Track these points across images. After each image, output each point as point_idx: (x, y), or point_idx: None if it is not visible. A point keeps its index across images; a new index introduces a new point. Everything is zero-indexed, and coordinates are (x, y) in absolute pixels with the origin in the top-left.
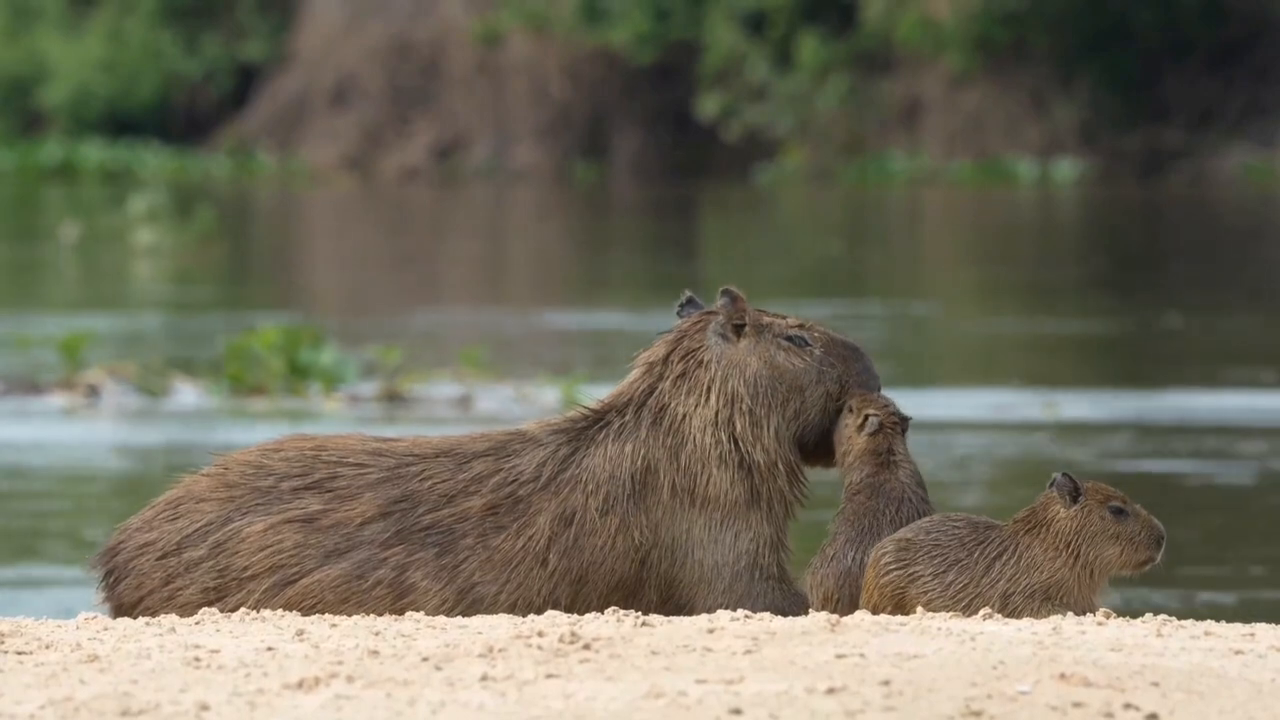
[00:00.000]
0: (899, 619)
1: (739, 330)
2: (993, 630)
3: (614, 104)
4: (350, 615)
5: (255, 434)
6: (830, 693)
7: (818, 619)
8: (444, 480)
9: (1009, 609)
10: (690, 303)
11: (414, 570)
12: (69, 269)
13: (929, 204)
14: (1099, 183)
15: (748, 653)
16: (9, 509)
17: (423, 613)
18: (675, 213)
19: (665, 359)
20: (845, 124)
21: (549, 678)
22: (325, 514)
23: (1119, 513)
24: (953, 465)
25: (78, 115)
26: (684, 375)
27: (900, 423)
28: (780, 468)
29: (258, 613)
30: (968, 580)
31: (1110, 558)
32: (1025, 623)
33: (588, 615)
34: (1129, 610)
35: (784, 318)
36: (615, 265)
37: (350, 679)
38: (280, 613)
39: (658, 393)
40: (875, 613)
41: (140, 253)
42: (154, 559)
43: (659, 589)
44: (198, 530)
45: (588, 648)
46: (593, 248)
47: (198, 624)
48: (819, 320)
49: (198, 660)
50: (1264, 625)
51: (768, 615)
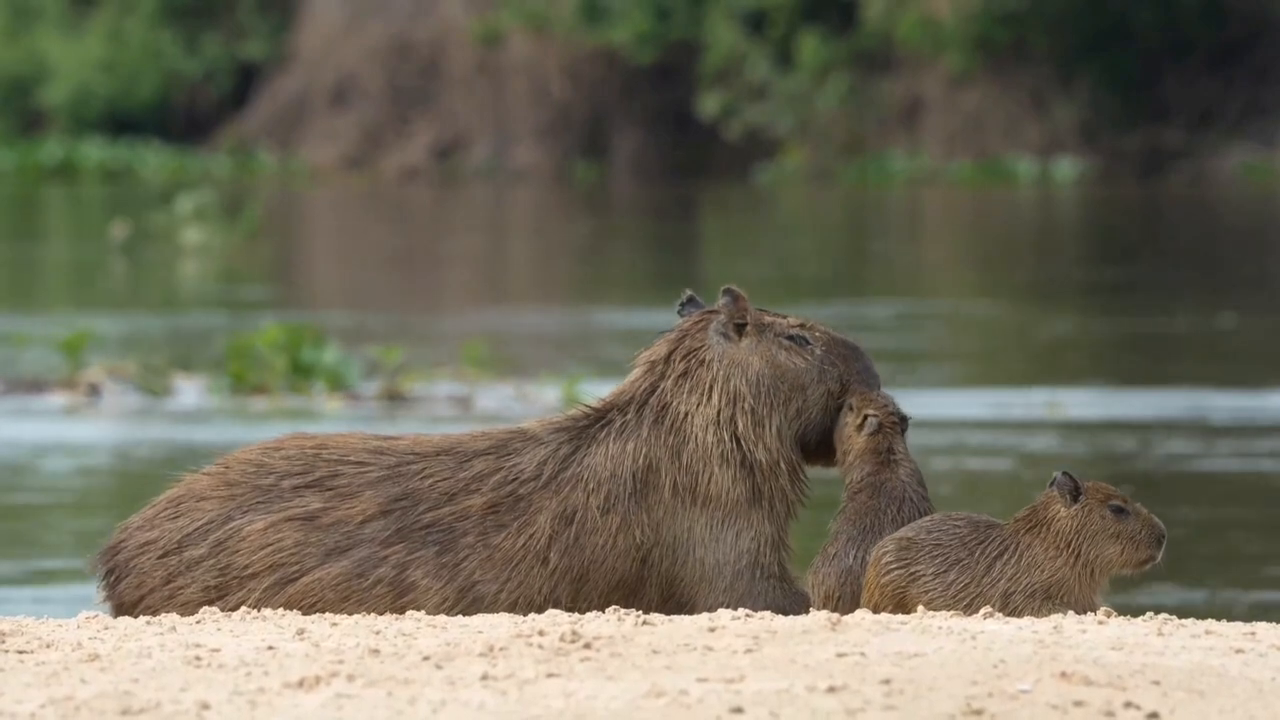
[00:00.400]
0: (900, 618)
1: (740, 329)
2: (994, 629)
3: (614, 104)
4: (351, 614)
5: (256, 433)
6: (831, 691)
7: (818, 618)
8: (445, 479)
9: (1010, 608)
10: (691, 302)
11: (415, 569)
12: (120, 268)
13: (930, 204)
14: (1099, 182)
15: (749, 651)
16: (9, 508)
17: (423, 611)
18: (675, 212)
19: (667, 358)
20: (845, 124)
21: (550, 677)
22: (326, 512)
23: (1119, 512)
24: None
25: (78, 115)
26: (686, 374)
27: (900, 422)
28: (782, 466)
29: (258, 611)
30: (969, 579)
31: (1111, 557)
32: (1026, 621)
33: (588, 614)
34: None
35: (784, 317)
36: (616, 265)
37: (351, 678)
38: (281, 611)
39: (659, 391)
40: (876, 611)
41: (189, 252)
42: (155, 558)
43: (660, 588)
44: (198, 529)
45: (589, 646)
46: (593, 247)
47: (198, 623)
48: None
49: (198, 659)
50: (1265, 624)
51: (769, 614)
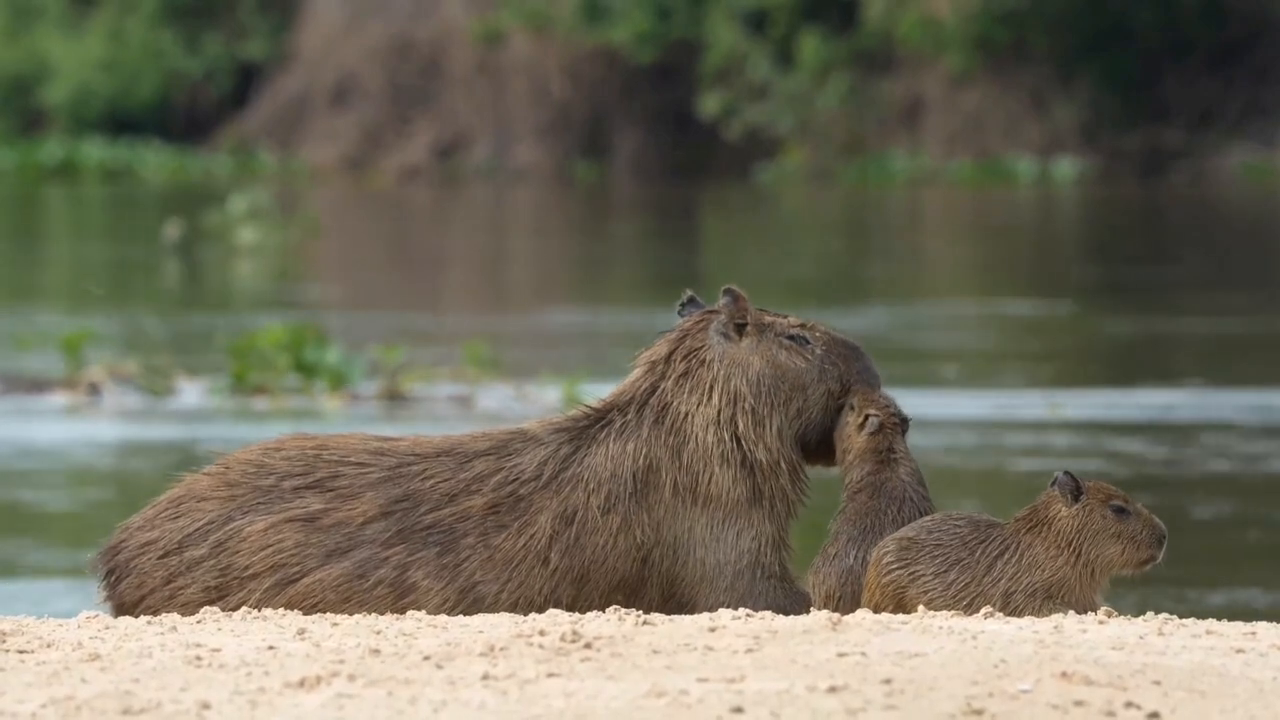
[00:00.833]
0: (900, 618)
1: (741, 329)
2: (994, 629)
3: (614, 103)
4: (351, 614)
5: (257, 433)
6: (832, 691)
7: (819, 618)
8: (445, 479)
9: (1010, 608)
10: (692, 302)
11: (415, 569)
12: (174, 268)
13: (930, 204)
14: (1099, 182)
15: (749, 651)
16: (9, 507)
17: (424, 612)
18: (676, 212)
19: (667, 358)
20: (846, 123)
21: (550, 676)
22: (326, 513)
23: (1120, 512)
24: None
25: (78, 114)
26: (686, 374)
27: (900, 422)
28: (782, 466)
29: (259, 612)
30: (969, 579)
31: (1111, 556)
32: (1027, 621)
33: (589, 614)
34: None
35: (785, 317)
36: (616, 264)
37: (351, 678)
38: (281, 611)
39: (660, 391)
40: (877, 611)
41: (243, 252)
42: (155, 558)
43: (660, 588)
44: (199, 529)
45: (589, 646)
46: (593, 247)
47: (199, 623)
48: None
49: (199, 659)
50: (1265, 624)
51: (769, 614)
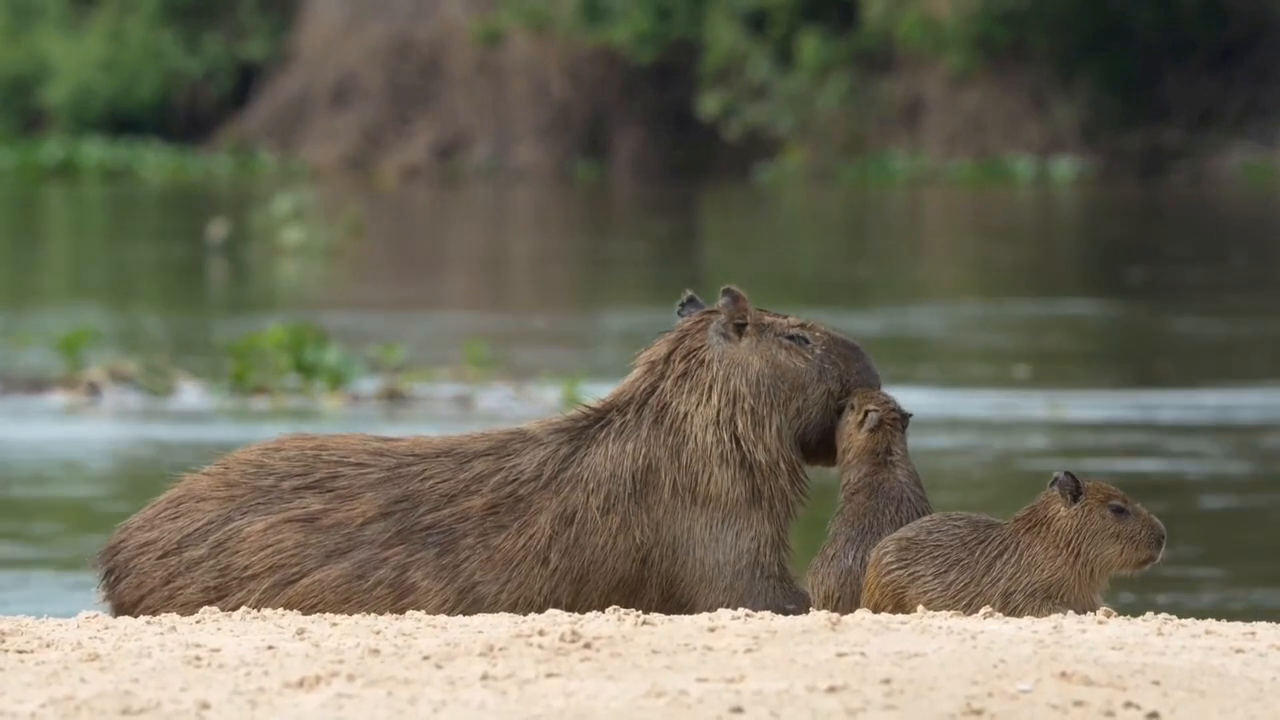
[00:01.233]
0: (900, 618)
1: (740, 329)
2: (994, 629)
3: (614, 103)
4: (351, 615)
5: (257, 433)
6: (831, 691)
7: (818, 618)
8: (445, 480)
9: (1010, 608)
10: (691, 302)
11: (415, 570)
12: (219, 268)
13: (931, 203)
14: (1099, 182)
15: (749, 651)
16: (8, 506)
17: (423, 612)
18: (676, 212)
19: (667, 358)
20: (845, 123)
21: (550, 676)
22: (326, 514)
23: (1119, 512)
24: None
25: (78, 114)
26: (686, 374)
27: (900, 419)
28: (782, 467)
29: (258, 612)
30: (969, 579)
31: (1111, 556)
32: (1026, 621)
33: (588, 614)
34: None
35: (785, 317)
36: (616, 264)
37: (351, 678)
38: (281, 611)
39: (659, 392)
40: (876, 611)
41: (289, 252)
42: (155, 558)
43: (660, 588)
44: (198, 529)
45: (589, 646)
46: (593, 247)
47: (198, 623)
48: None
49: (198, 659)
50: (1265, 624)
51: (769, 614)
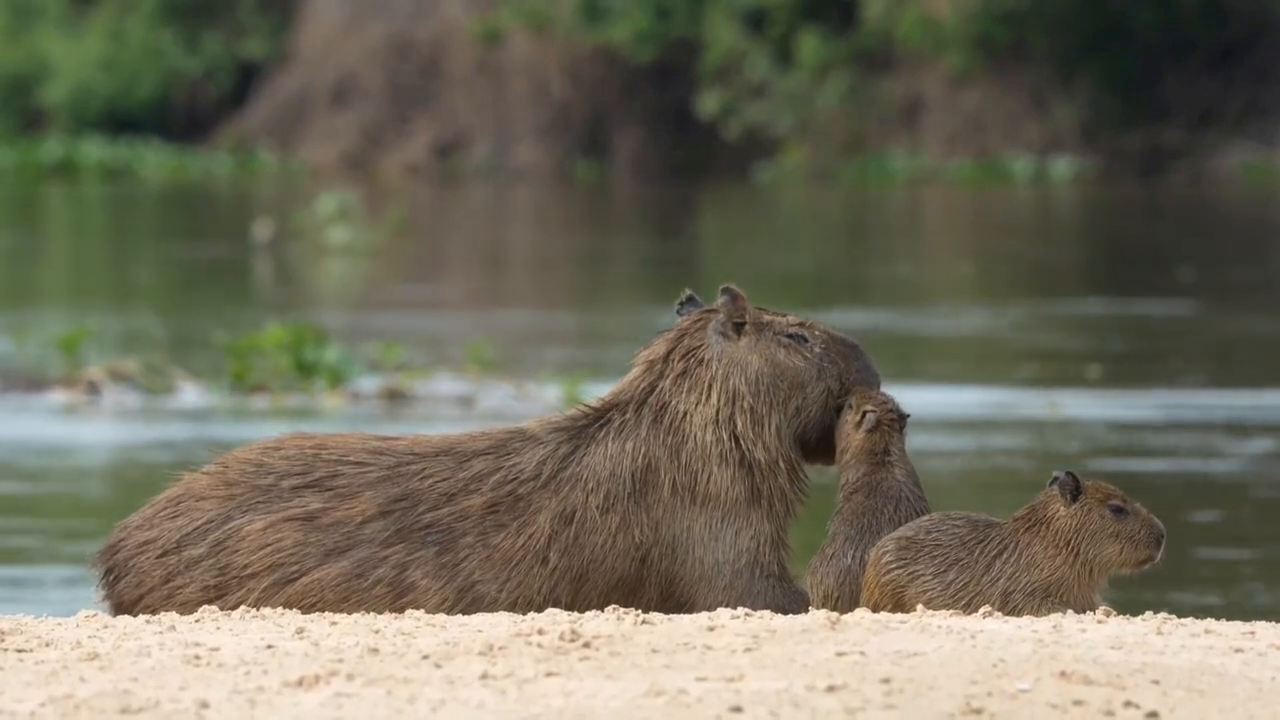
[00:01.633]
0: (899, 617)
1: (739, 328)
2: (993, 628)
3: (614, 103)
4: (350, 614)
5: (256, 432)
6: (831, 690)
7: (818, 617)
8: (444, 479)
9: (1009, 607)
10: (690, 301)
11: (414, 569)
12: (266, 268)
13: (930, 203)
14: (1098, 182)
15: (748, 650)
16: (8, 505)
17: (423, 611)
18: (675, 211)
19: (666, 357)
20: (845, 123)
21: (549, 676)
22: (325, 512)
23: (1119, 511)
24: None
25: (78, 113)
26: (685, 373)
27: (898, 419)
28: (781, 466)
29: (258, 611)
30: (968, 578)
31: (1110, 556)
32: (1025, 621)
33: (588, 613)
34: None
35: (784, 316)
36: (616, 264)
37: (350, 677)
38: (280, 610)
39: (658, 391)
40: (875, 611)
41: (334, 251)
42: (154, 557)
43: (659, 587)
44: (198, 528)
45: (588, 646)
46: (593, 246)
47: (198, 622)
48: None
49: (198, 658)
50: (1264, 623)
51: (768, 613)
